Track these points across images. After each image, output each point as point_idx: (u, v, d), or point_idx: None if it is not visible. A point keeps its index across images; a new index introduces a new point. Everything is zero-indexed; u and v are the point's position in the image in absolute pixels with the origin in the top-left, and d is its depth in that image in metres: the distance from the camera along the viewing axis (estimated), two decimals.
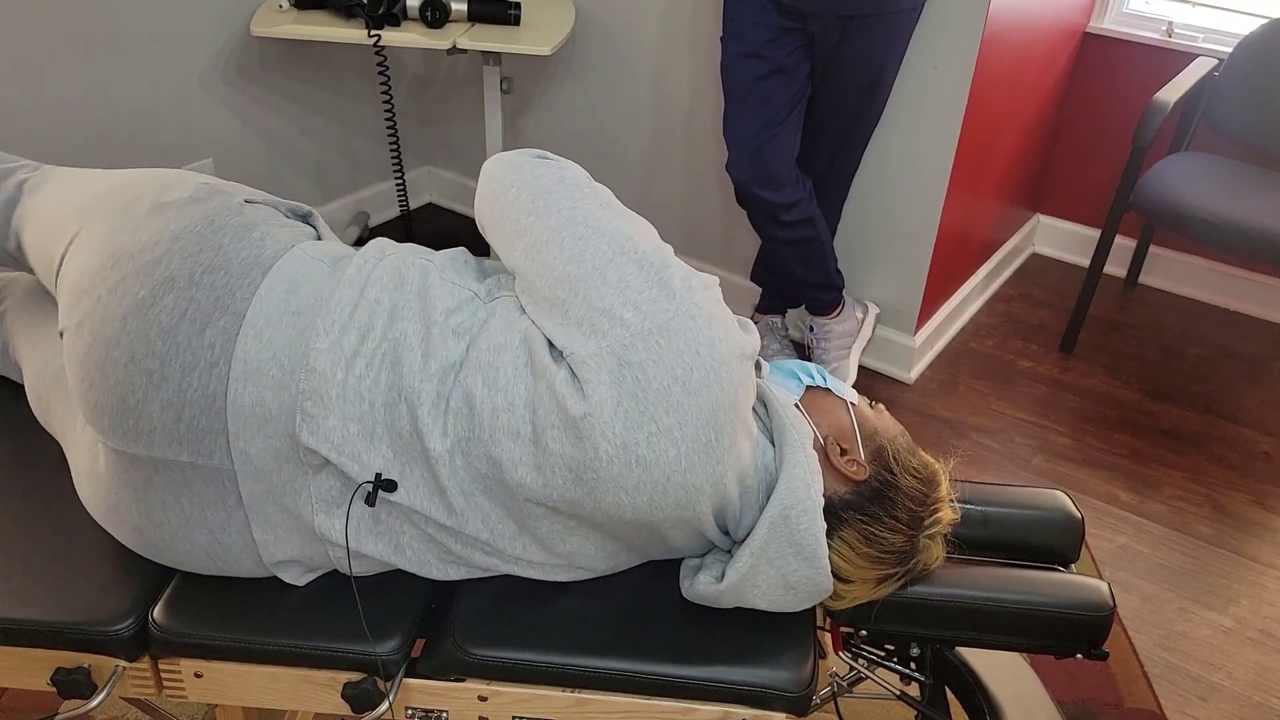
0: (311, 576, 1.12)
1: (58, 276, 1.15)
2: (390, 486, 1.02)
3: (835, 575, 1.07)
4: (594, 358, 0.96)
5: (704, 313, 0.99)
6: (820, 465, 1.06)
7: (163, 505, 1.05)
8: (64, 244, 1.12)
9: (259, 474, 1.03)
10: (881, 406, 1.18)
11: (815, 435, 1.08)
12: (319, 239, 1.16)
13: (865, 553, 1.06)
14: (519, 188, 1.06)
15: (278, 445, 1.01)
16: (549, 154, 1.11)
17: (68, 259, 1.10)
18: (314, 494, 1.03)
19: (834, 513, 1.06)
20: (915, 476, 1.09)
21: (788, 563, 1.02)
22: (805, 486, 1.01)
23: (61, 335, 1.08)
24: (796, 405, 1.12)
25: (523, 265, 1.03)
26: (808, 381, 1.15)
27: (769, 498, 1.04)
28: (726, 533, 1.08)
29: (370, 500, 1.01)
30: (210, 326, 1.00)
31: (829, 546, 1.05)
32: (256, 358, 1.00)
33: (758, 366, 1.16)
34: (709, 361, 0.97)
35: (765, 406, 1.10)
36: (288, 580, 1.10)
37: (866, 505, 1.06)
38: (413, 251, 1.12)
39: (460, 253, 1.15)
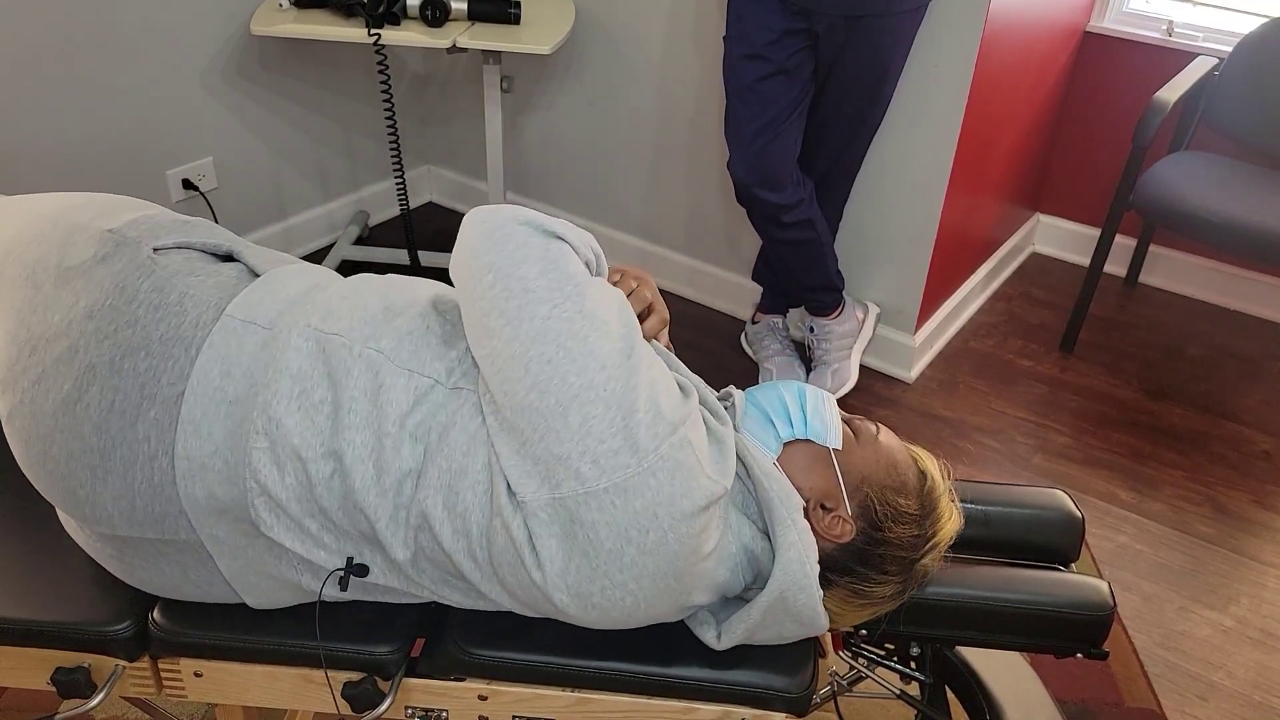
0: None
1: None
2: (362, 571, 1.00)
3: (829, 614, 1.06)
4: (545, 509, 0.91)
5: (666, 467, 0.91)
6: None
7: (143, 568, 1.05)
8: None
9: (234, 551, 1.01)
10: (873, 430, 1.09)
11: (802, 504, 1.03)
12: (252, 272, 1.08)
13: (857, 604, 1.06)
14: (495, 274, 0.95)
15: (244, 528, 0.99)
16: (538, 219, 0.99)
17: None
18: (293, 562, 1.01)
19: (822, 575, 1.03)
20: (906, 523, 1.04)
21: (785, 627, 1.02)
22: (801, 566, 0.98)
23: None
24: (775, 464, 1.05)
25: (487, 371, 0.94)
26: (785, 435, 1.06)
27: (755, 574, 1.03)
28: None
29: (343, 585, 1.00)
30: (141, 419, 0.95)
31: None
32: (199, 454, 0.95)
33: (730, 394, 1.13)
34: (666, 522, 0.91)
35: (749, 473, 1.03)
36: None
37: (855, 567, 1.03)
38: (364, 330, 0.99)
39: (421, 321, 1.02)
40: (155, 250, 1.02)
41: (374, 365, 0.97)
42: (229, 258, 1.10)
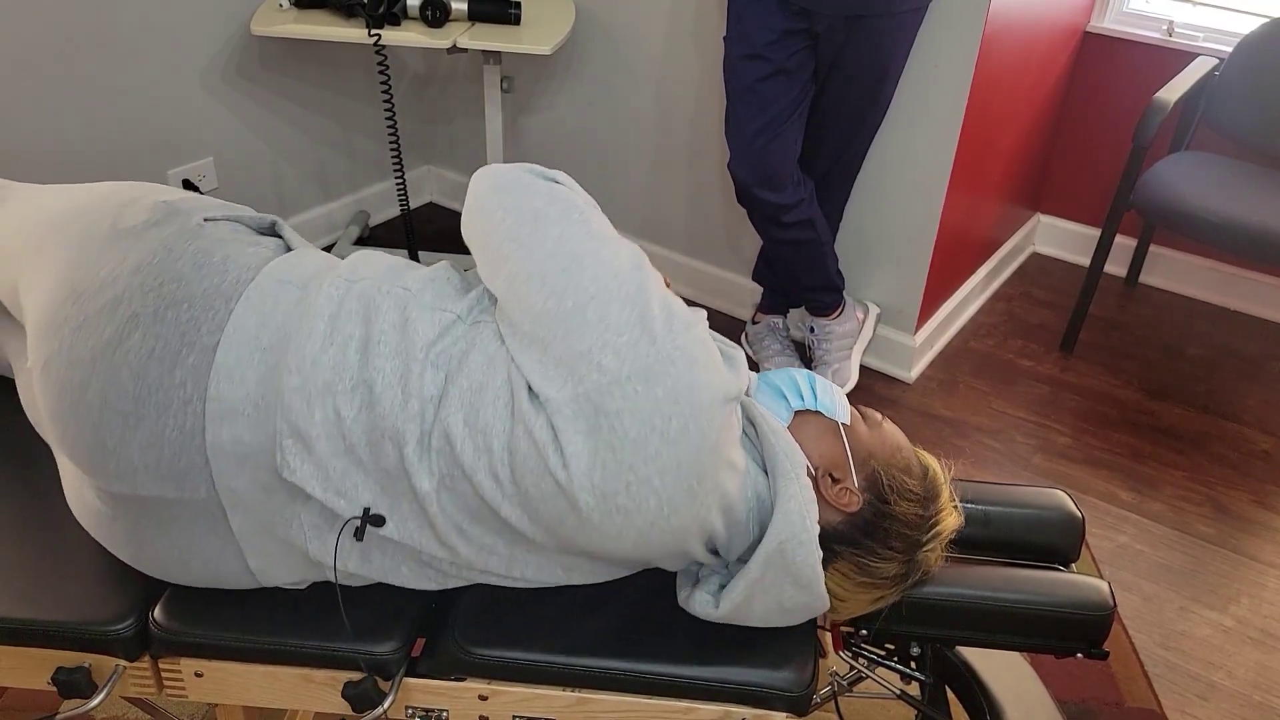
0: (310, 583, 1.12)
1: (19, 305, 1.12)
2: (379, 521, 1.01)
3: (831, 595, 1.07)
4: (570, 405, 0.93)
5: (685, 356, 0.95)
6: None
7: (154, 539, 1.05)
8: (22, 272, 1.09)
9: (248, 508, 1.02)
10: (878, 416, 1.13)
11: (807, 465, 1.05)
12: (288, 248, 1.13)
13: (861, 581, 1.06)
14: (505, 210, 1.02)
15: (264, 479, 1.00)
16: (539, 169, 1.08)
17: (27, 290, 1.07)
18: (305, 523, 1.02)
19: (827, 545, 1.04)
20: (911, 500, 1.06)
21: (784, 591, 1.02)
22: (801, 519, 0.99)
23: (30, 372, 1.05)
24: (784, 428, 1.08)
25: (504, 295, 1.00)
26: (796, 405, 1.10)
27: (760, 527, 1.03)
28: (719, 556, 1.07)
29: (359, 535, 1.00)
30: (179, 365, 0.98)
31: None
32: (230, 397, 0.98)
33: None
34: (688, 410, 0.94)
35: (756, 430, 1.06)
36: (288, 588, 1.11)
37: (860, 538, 1.04)
38: (390, 275, 1.07)
39: (442, 270, 1.10)
40: (204, 220, 1.08)
41: (401, 301, 1.03)
42: (271, 233, 1.17)
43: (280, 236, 1.16)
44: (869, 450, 1.07)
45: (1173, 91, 2.45)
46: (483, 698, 1.10)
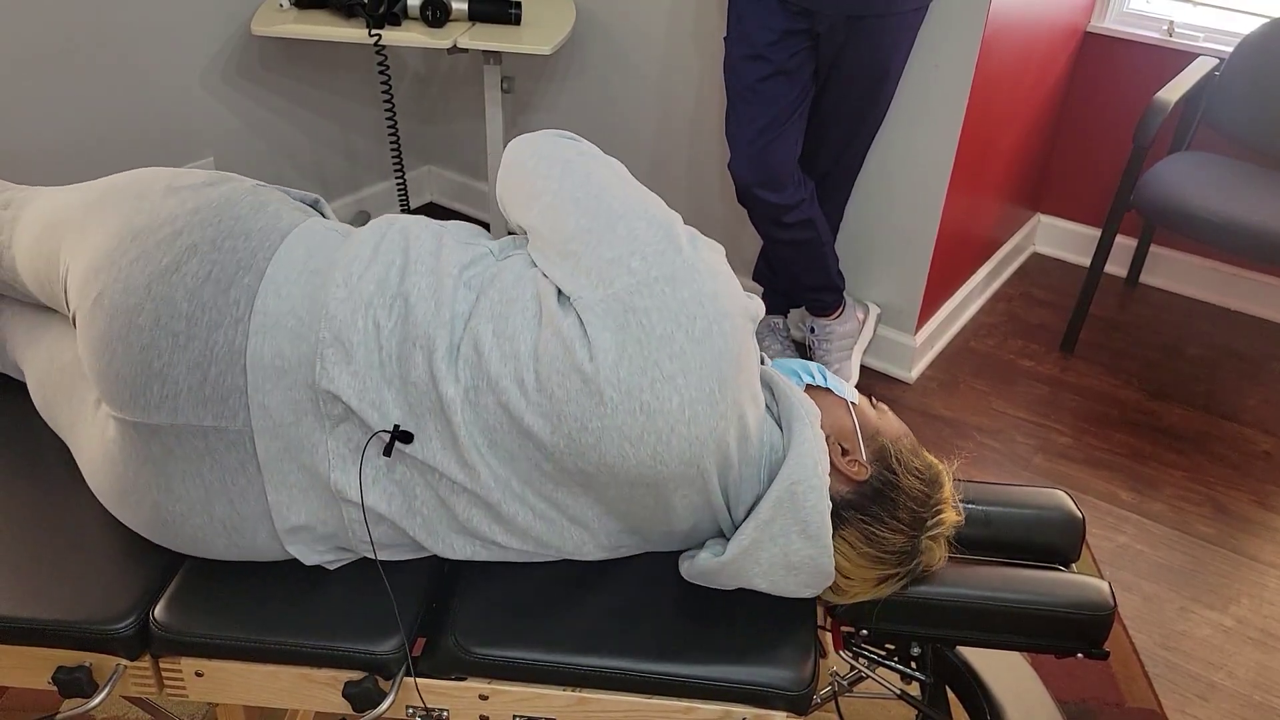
0: (321, 557, 1.11)
1: (54, 278, 1.15)
2: (407, 438, 1.03)
3: (837, 570, 1.07)
4: (600, 304, 0.98)
5: (708, 268, 1.01)
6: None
7: (183, 476, 1.05)
8: (65, 240, 1.12)
9: (277, 429, 1.03)
10: (884, 407, 1.17)
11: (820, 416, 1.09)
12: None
13: (866, 552, 1.06)
14: (538, 158, 1.11)
15: (297, 397, 1.03)
16: (569, 133, 1.15)
17: (74, 254, 1.09)
18: (330, 450, 1.04)
19: (835, 512, 1.06)
20: (918, 477, 1.09)
21: (791, 541, 1.03)
22: (813, 464, 1.02)
23: (74, 320, 1.08)
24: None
25: (538, 224, 1.07)
26: (808, 380, 1.16)
27: (772, 478, 1.05)
28: (728, 509, 1.08)
29: (387, 450, 1.03)
30: (235, 285, 1.03)
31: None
32: (275, 310, 1.03)
33: (760, 358, 1.16)
34: (712, 313, 0.99)
35: (772, 390, 1.11)
36: (297, 555, 1.09)
37: (868, 505, 1.06)
38: (426, 220, 1.15)
39: (472, 226, 1.18)
40: (256, 185, 1.15)
41: (437, 234, 1.11)
42: (314, 208, 1.24)
43: (320, 213, 1.23)
44: (876, 427, 1.12)
45: (1173, 91, 2.45)
46: (483, 697, 1.10)
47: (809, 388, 1.16)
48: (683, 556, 1.12)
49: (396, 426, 1.03)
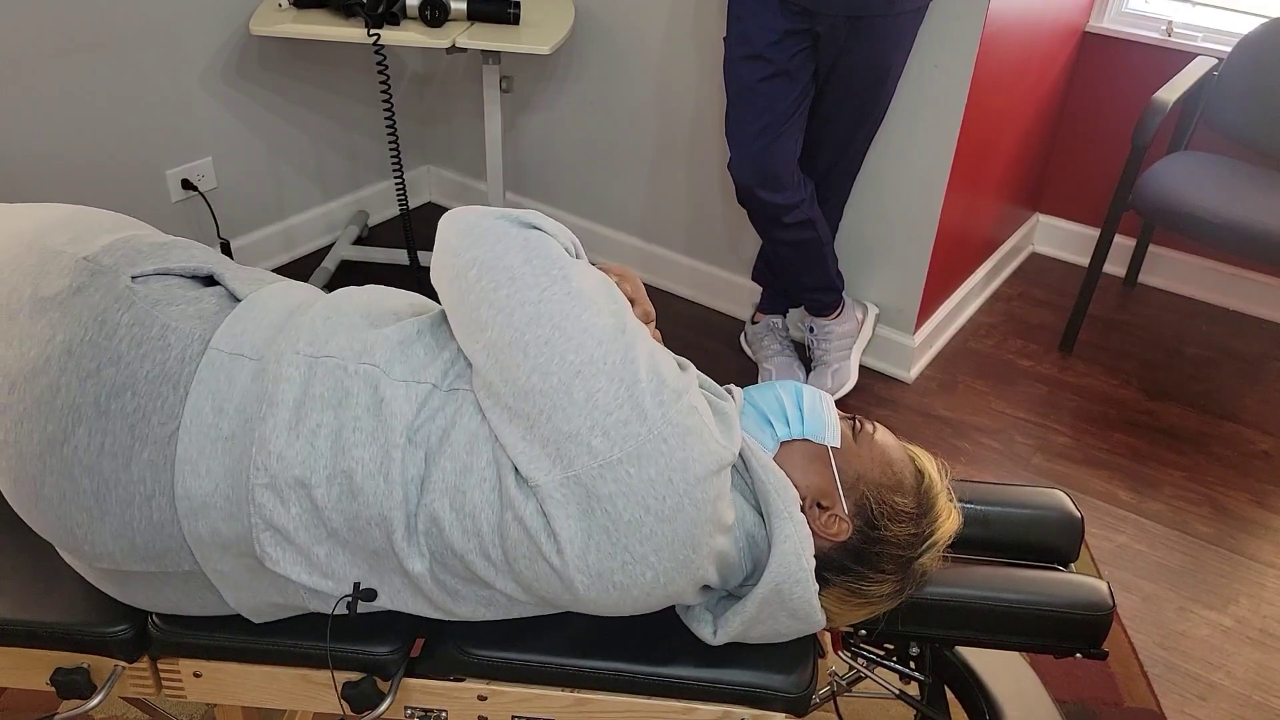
0: None
1: None
2: (370, 595, 1.00)
3: (826, 612, 1.06)
4: (560, 489, 0.90)
5: (676, 431, 0.91)
6: None
7: (146, 597, 1.04)
8: None
9: (240, 584, 1.01)
10: (870, 429, 1.10)
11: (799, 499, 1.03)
12: (233, 297, 1.05)
13: (854, 603, 1.06)
14: (480, 268, 0.95)
15: (249, 563, 0.99)
16: (511, 213, 1.00)
17: None
18: (302, 589, 1.01)
19: (819, 574, 1.03)
20: (903, 521, 1.05)
21: (780, 621, 1.02)
22: (796, 559, 0.99)
23: None
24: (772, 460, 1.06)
25: (484, 365, 0.94)
26: (782, 434, 1.07)
27: (754, 562, 1.03)
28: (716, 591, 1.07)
29: (350, 610, 0.99)
30: (134, 460, 0.94)
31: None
32: (199, 492, 0.94)
33: (731, 392, 1.13)
34: (682, 487, 0.91)
35: (746, 465, 1.04)
36: None
37: (851, 565, 1.04)
38: (353, 346, 0.98)
39: (411, 328, 1.02)
40: (133, 279, 0.99)
41: (372, 380, 0.96)
42: (209, 280, 1.07)
43: (221, 284, 1.06)
44: (858, 474, 1.05)
45: (1172, 91, 2.45)
46: (482, 698, 1.10)
47: (784, 444, 1.06)
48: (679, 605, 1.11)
49: (357, 585, 0.98)
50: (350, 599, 0.98)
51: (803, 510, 1.03)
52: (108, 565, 0.99)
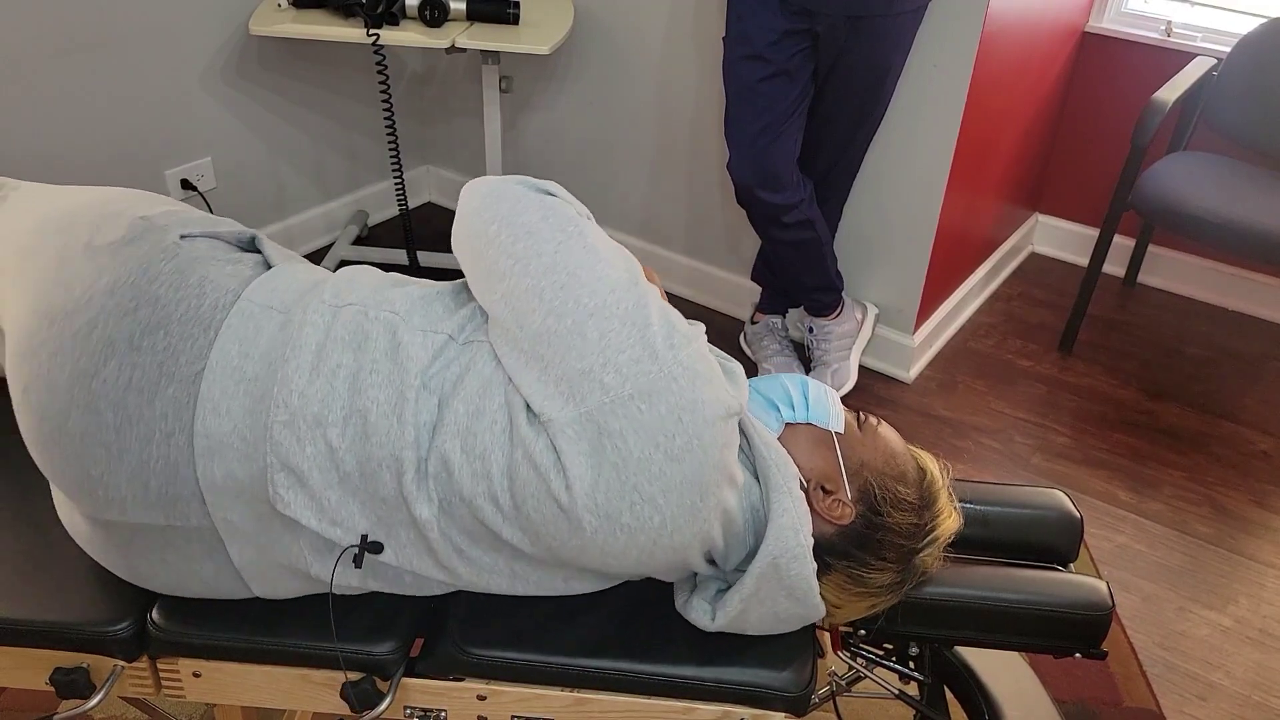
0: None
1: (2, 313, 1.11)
2: (377, 548, 1.00)
3: (827, 603, 1.07)
4: (572, 425, 0.92)
5: (687, 372, 0.94)
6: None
7: (148, 562, 1.04)
8: (3, 284, 1.07)
9: (246, 537, 1.01)
10: (873, 421, 1.12)
11: (800, 478, 1.04)
12: (268, 265, 1.10)
13: (855, 591, 1.06)
14: (499, 223, 1.00)
15: (260, 510, 0.99)
16: (530, 180, 1.05)
17: (6, 304, 1.05)
18: (305, 547, 1.01)
19: (820, 557, 1.04)
20: (906, 509, 1.05)
21: (779, 603, 1.02)
22: (794, 534, 0.99)
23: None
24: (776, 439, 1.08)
25: (501, 312, 0.98)
26: (787, 416, 1.09)
27: (756, 538, 1.03)
28: (717, 566, 1.07)
29: (357, 562, 1.00)
30: (159, 396, 0.96)
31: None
32: (218, 432, 0.96)
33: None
34: (691, 428, 0.93)
35: (749, 442, 1.05)
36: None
37: (853, 551, 1.04)
38: (376, 297, 1.04)
39: (428, 292, 1.07)
40: (181, 237, 1.05)
41: (391, 326, 1.00)
42: (251, 248, 1.14)
43: (260, 252, 1.13)
44: (861, 459, 1.07)
45: (1171, 91, 2.45)
46: (481, 698, 1.10)
47: (788, 427, 1.09)
48: (677, 590, 1.11)
49: (364, 537, 0.99)
50: (357, 549, 0.99)
51: (805, 491, 1.04)
52: (116, 515, 1.00)
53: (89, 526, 1.06)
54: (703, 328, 1.03)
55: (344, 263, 2.90)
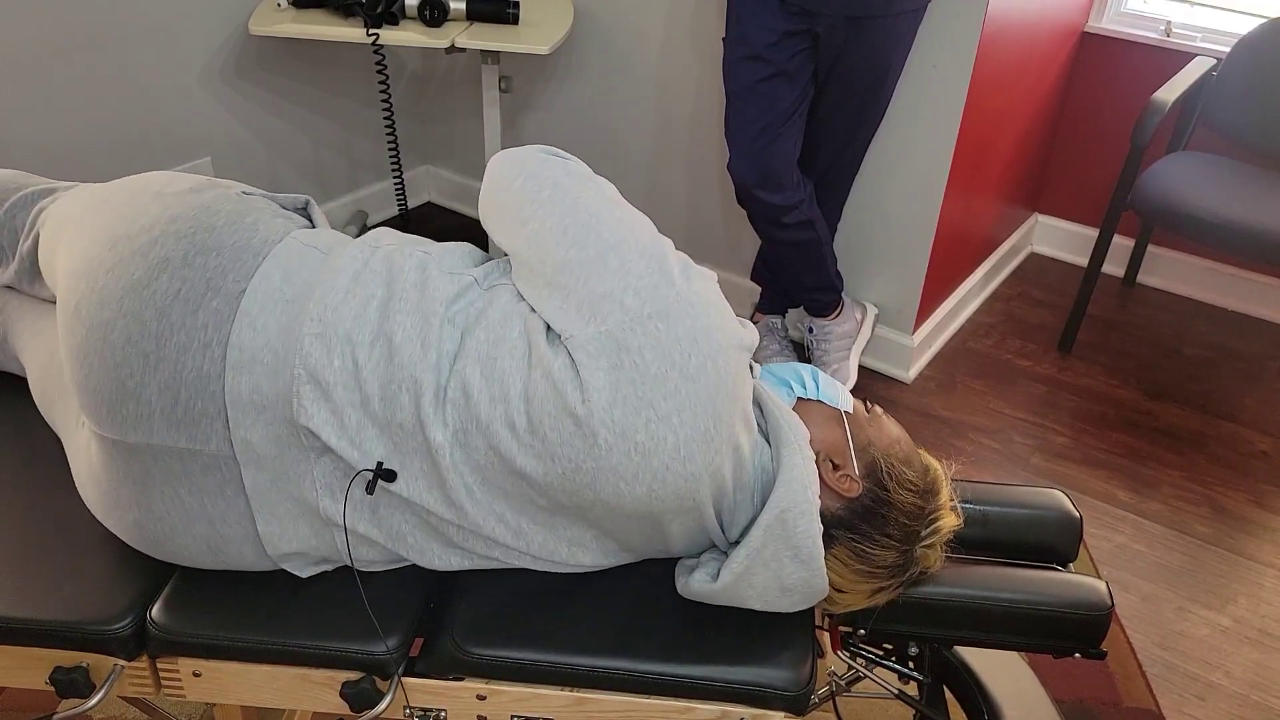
0: (315, 569, 1.11)
1: (54, 274, 1.15)
2: (390, 476, 1.02)
3: (830, 584, 1.07)
4: (592, 342, 0.97)
5: (702, 301, 0.99)
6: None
7: (162, 497, 1.05)
8: (61, 239, 1.13)
9: (262, 461, 1.03)
10: (879, 411, 1.16)
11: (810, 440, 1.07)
12: (314, 228, 1.17)
13: (859, 569, 1.06)
14: (525, 177, 1.07)
15: (279, 432, 1.02)
16: (556, 150, 1.12)
17: (66, 253, 1.10)
18: (318, 478, 1.04)
19: (826, 531, 1.05)
20: (910, 490, 1.07)
21: (784, 565, 1.02)
22: (803, 489, 1.01)
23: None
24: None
25: (525, 251, 1.04)
26: (799, 392, 1.14)
27: (764, 500, 1.04)
28: (723, 530, 1.08)
29: (370, 488, 1.02)
30: (203, 307, 1.01)
31: None
32: (251, 345, 1.01)
33: (750, 368, 1.16)
34: (706, 349, 0.97)
35: (761, 407, 1.09)
36: (292, 571, 1.10)
37: (859, 524, 1.06)
38: (410, 243, 1.12)
39: (459, 246, 1.15)
40: (243, 192, 1.14)
41: (422, 264, 1.07)
42: (302, 214, 1.22)
43: (309, 217, 1.21)
44: (869, 439, 1.10)
45: (1171, 91, 2.45)
46: (481, 697, 1.10)
47: (800, 401, 1.13)
48: (679, 571, 1.12)
49: (380, 464, 1.02)
50: (372, 474, 1.02)
51: (816, 462, 1.06)
52: (142, 437, 1.02)
53: (107, 466, 1.06)
54: (715, 275, 1.08)
55: None
